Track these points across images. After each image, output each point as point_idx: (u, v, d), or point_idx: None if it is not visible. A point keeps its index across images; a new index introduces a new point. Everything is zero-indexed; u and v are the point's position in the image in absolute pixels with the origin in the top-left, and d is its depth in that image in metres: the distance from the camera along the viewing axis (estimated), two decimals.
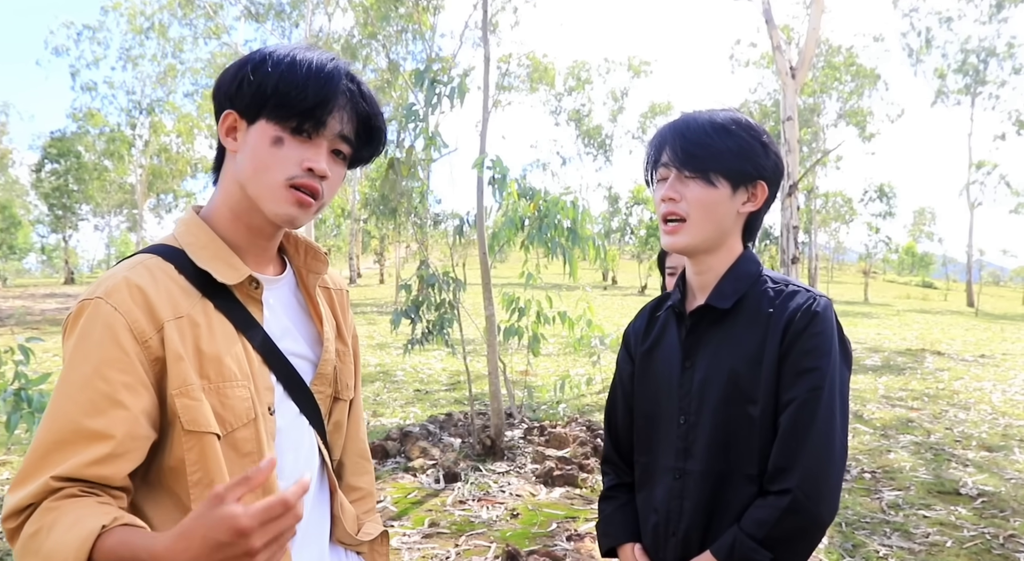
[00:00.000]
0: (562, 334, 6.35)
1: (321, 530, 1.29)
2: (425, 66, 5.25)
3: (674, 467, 1.44)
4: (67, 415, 0.99)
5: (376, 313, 19.63)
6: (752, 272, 1.44)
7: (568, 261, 5.34)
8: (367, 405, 7.72)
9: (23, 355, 3.36)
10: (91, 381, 1.00)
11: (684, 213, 1.39)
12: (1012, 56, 33.28)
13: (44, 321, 16.74)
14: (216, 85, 1.16)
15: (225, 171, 1.17)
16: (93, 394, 1.00)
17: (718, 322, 1.43)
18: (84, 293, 1.07)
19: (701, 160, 1.37)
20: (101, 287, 1.06)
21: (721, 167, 1.37)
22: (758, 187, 1.42)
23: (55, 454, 0.98)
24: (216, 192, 1.19)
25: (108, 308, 1.03)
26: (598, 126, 43.30)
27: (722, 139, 1.38)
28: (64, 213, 34.95)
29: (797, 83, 9.97)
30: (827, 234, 42.70)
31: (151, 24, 30.26)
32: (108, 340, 1.02)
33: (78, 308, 1.05)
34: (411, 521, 4.26)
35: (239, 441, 1.09)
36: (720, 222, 1.40)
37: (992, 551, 3.95)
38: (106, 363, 1.01)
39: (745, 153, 1.38)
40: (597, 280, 39.14)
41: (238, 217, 1.17)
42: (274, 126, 1.10)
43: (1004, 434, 6.64)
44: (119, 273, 1.08)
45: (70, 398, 1.00)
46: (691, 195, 1.39)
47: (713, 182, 1.38)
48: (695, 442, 1.41)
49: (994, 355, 12.50)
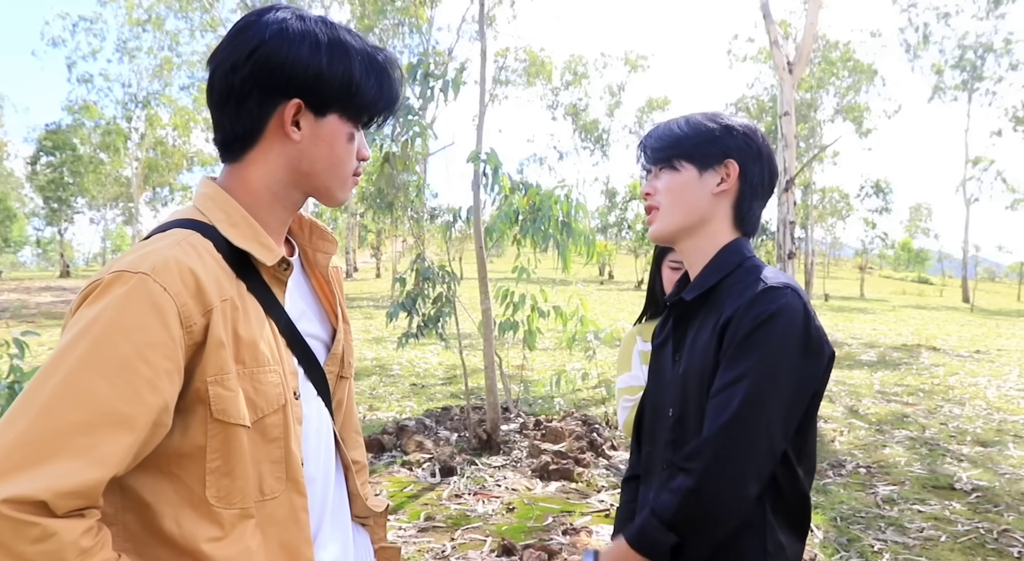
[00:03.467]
0: (558, 329, 6.34)
1: (344, 510, 1.31)
2: (418, 60, 5.24)
3: (664, 458, 1.46)
4: (98, 393, 0.89)
5: (372, 307, 19.62)
6: (732, 262, 1.42)
7: (561, 255, 5.34)
8: (363, 399, 7.73)
9: (18, 349, 3.34)
10: (132, 363, 0.92)
11: (657, 203, 1.46)
12: (1009, 52, 33.34)
13: (40, 315, 16.71)
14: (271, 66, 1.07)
15: (270, 154, 1.12)
16: (134, 377, 0.91)
17: (695, 314, 1.44)
18: (119, 264, 0.97)
19: (663, 150, 1.45)
20: (146, 262, 0.96)
21: (681, 151, 1.43)
22: (728, 166, 1.42)
23: (82, 437, 0.88)
24: (251, 172, 1.13)
25: (156, 287, 0.95)
26: (595, 121, 43.25)
27: (682, 129, 1.45)
28: (60, 206, 34.84)
29: (794, 78, 9.96)
30: (824, 230, 42.76)
31: (148, 17, 30.18)
32: (156, 322, 0.94)
33: (112, 278, 0.95)
34: (407, 515, 4.26)
35: (268, 427, 1.06)
36: (691, 205, 1.43)
37: (986, 545, 3.96)
38: (151, 346, 0.93)
39: (705, 136, 1.43)
40: (594, 275, 39.16)
41: (278, 199, 1.14)
42: (348, 123, 1.13)
43: (998, 429, 6.66)
44: (165, 250, 0.99)
45: (104, 376, 0.90)
46: (660, 184, 1.46)
47: (676, 167, 1.43)
48: (680, 435, 1.42)
49: (989, 351, 12.54)
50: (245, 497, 1.04)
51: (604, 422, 6.39)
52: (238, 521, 1.03)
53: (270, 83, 1.07)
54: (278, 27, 1.08)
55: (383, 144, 5.60)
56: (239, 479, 1.03)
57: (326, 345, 1.27)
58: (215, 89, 1.10)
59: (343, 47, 1.10)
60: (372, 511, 1.38)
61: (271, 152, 1.12)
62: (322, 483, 1.21)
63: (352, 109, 1.13)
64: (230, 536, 1.02)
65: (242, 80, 1.07)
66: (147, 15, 30.55)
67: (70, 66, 32.04)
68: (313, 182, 1.15)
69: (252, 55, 1.07)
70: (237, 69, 1.07)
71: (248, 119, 1.09)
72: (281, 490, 1.08)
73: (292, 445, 1.09)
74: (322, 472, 1.21)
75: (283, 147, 1.11)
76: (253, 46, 1.07)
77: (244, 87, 1.08)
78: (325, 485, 1.22)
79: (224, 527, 1.02)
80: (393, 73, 1.16)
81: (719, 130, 1.43)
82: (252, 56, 1.07)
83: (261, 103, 1.08)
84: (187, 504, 1.00)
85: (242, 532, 1.03)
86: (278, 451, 1.07)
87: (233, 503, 1.03)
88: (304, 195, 1.17)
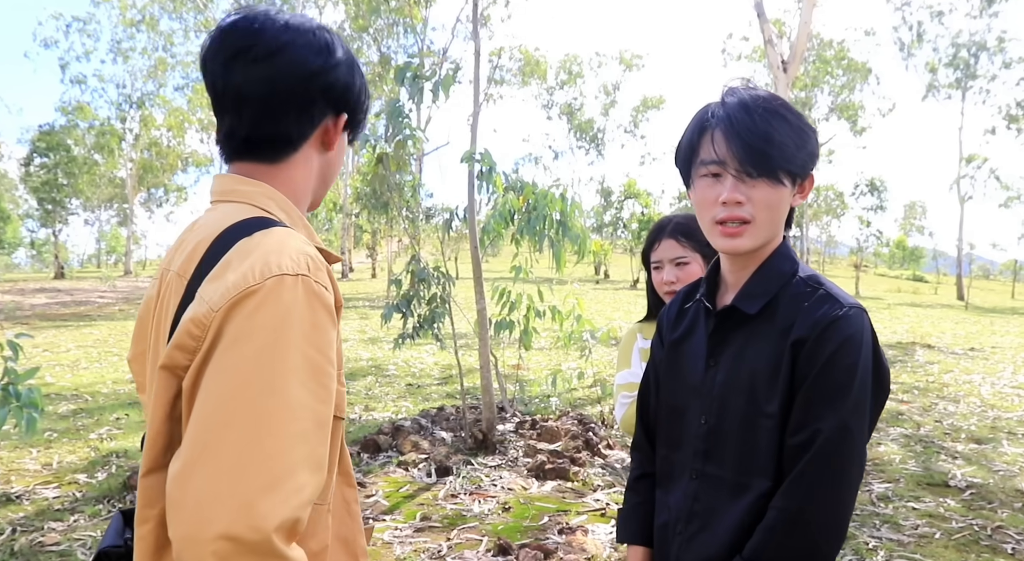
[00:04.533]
0: (554, 328, 6.34)
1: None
2: (406, 63, 5.25)
3: (691, 467, 1.39)
4: (303, 400, 0.91)
5: (368, 307, 19.60)
6: (785, 271, 1.34)
7: (555, 254, 5.34)
8: (359, 399, 7.72)
9: (12, 351, 3.34)
10: (320, 365, 0.94)
11: (749, 215, 1.29)
12: (1003, 50, 33.46)
13: (34, 316, 16.66)
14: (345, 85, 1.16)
15: (311, 161, 1.18)
16: (324, 378, 0.94)
17: (744, 323, 1.34)
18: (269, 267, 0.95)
19: (768, 159, 1.26)
20: (299, 263, 0.97)
21: (786, 164, 1.27)
22: (808, 179, 1.34)
23: (303, 447, 0.89)
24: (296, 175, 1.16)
25: (319, 287, 0.97)
26: (590, 120, 43.33)
27: (782, 131, 1.26)
28: (54, 207, 34.70)
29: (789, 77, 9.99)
30: (819, 228, 42.92)
31: (142, 17, 30.13)
32: (328, 321, 0.97)
33: (275, 283, 0.93)
34: (403, 515, 4.26)
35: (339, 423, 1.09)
36: (780, 220, 1.33)
37: (980, 542, 3.98)
38: (329, 345, 0.96)
39: (802, 144, 1.29)
40: (589, 274, 39.16)
41: (305, 204, 1.21)
42: (348, 134, 1.22)
43: (993, 426, 6.69)
44: (304, 249, 1.00)
45: (303, 383, 0.91)
46: (758, 196, 1.28)
47: (781, 180, 1.28)
48: (715, 445, 1.35)
49: (983, 348, 12.57)
50: (327, 490, 1.07)
51: (600, 421, 6.39)
52: (323, 512, 1.07)
53: (339, 99, 1.16)
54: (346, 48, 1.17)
55: (376, 145, 5.60)
56: (331, 472, 1.06)
57: None
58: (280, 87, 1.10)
59: (358, 66, 1.20)
60: None
61: (312, 158, 1.18)
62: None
63: (358, 123, 1.22)
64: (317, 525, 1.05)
65: (320, 89, 1.13)
66: (140, 16, 30.51)
67: (63, 67, 31.98)
68: (322, 190, 1.24)
69: (335, 70, 1.14)
70: (316, 77, 1.12)
71: (307, 124, 1.15)
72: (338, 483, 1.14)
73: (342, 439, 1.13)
74: None
75: (319, 155, 1.19)
76: (336, 62, 1.14)
77: (313, 95, 1.13)
78: None
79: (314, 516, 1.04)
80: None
81: (810, 135, 1.30)
82: (334, 71, 1.14)
83: (323, 113, 1.15)
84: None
85: (326, 520, 1.07)
86: (338, 443, 1.10)
87: (325, 498, 1.06)
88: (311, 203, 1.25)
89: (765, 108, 1.27)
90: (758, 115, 1.26)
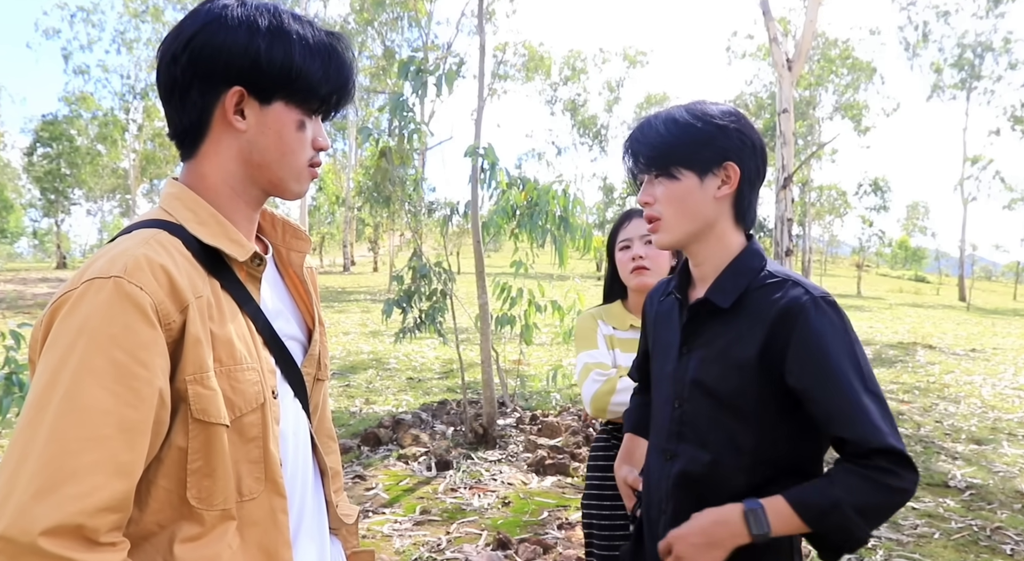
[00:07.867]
0: (555, 323, 6.35)
1: (322, 514, 1.28)
2: (410, 57, 5.24)
3: (665, 448, 1.48)
4: (104, 404, 0.89)
5: (370, 301, 19.61)
6: (754, 267, 1.42)
7: (558, 250, 5.34)
8: (359, 393, 7.73)
9: (14, 340, 3.34)
10: (129, 367, 0.91)
11: (659, 213, 1.43)
12: (1008, 51, 33.33)
13: (36, 306, 16.68)
14: (208, 54, 1.05)
15: (220, 147, 1.10)
16: (133, 381, 0.91)
17: (717, 314, 1.42)
18: (88, 272, 0.95)
19: (658, 158, 1.41)
20: (116, 265, 0.94)
21: (678, 159, 1.39)
22: (728, 168, 1.40)
23: (97, 451, 0.87)
24: (205, 167, 1.11)
25: (133, 288, 0.93)
26: (593, 116, 43.20)
27: (672, 133, 1.40)
28: (56, 197, 34.70)
29: (793, 76, 9.96)
30: (821, 227, 42.80)
31: (146, 7, 30.10)
32: (141, 322, 0.92)
33: (85, 288, 0.93)
34: (402, 508, 4.27)
35: (246, 426, 1.05)
36: (696, 212, 1.41)
37: (979, 543, 3.98)
38: (143, 347, 0.92)
39: (699, 140, 1.38)
40: (591, 270, 39.14)
41: (238, 194, 1.13)
42: (296, 110, 1.11)
43: (993, 427, 6.68)
44: (133, 250, 0.97)
45: (104, 386, 0.89)
46: (660, 193, 1.42)
47: (676, 175, 1.40)
48: (686, 429, 1.44)
49: (985, 349, 12.57)
50: (227, 498, 1.02)
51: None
52: (219, 522, 1.02)
53: (209, 71, 1.06)
54: (216, 15, 1.06)
55: (380, 139, 5.60)
56: (220, 480, 1.01)
57: (303, 346, 1.25)
58: (160, 81, 1.09)
59: (283, 31, 1.08)
60: (343, 522, 1.35)
61: (221, 144, 1.10)
62: (300, 486, 1.19)
63: (297, 95, 1.10)
64: (209, 536, 1.01)
65: (182, 70, 1.06)
66: (145, 6, 30.47)
67: (66, 57, 31.94)
68: (267, 174, 1.13)
69: (189, 43, 1.05)
70: (177, 59, 1.06)
71: (193, 110, 1.08)
72: (260, 491, 1.07)
73: (271, 445, 1.07)
74: (300, 475, 1.19)
75: (232, 138, 1.10)
76: (190, 35, 1.05)
77: (185, 77, 1.06)
78: (303, 488, 1.20)
79: (205, 527, 1.01)
80: (341, 56, 1.13)
81: (713, 132, 1.39)
82: (189, 45, 1.05)
83: (203, 93, 1.07)
84: (168, 505, 0.99)
85: (223, 533, 1.02)
86: (256, 451, 1.06)
87: (215, 504, 1.01)
88: (263, 191, 1.15)
89: (664, 118, 1.43)
90: (652, 126, 1.43)
